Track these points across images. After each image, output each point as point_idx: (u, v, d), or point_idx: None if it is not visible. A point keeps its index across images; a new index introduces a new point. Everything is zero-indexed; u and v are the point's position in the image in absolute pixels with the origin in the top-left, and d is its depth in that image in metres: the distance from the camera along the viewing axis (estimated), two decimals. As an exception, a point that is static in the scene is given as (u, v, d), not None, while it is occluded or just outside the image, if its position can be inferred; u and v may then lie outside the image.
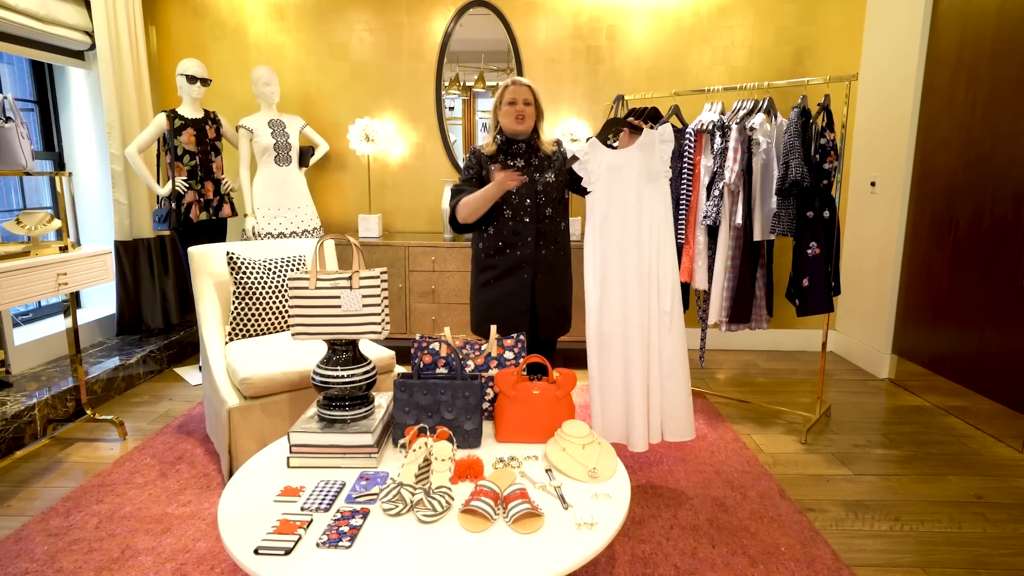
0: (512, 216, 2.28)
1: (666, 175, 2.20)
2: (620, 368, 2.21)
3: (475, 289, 2.42)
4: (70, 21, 3.48)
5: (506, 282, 2.32)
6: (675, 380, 2.22)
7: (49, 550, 1.96)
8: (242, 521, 1.43)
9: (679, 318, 2.23)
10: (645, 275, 2.19)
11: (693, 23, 3.94)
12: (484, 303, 2.37)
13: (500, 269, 2.32)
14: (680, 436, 2.27)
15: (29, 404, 2.71)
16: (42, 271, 2.45)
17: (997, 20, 2.94)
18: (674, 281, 2.21)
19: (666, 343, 2.21)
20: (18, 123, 2.47)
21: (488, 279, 2.35)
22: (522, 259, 2.29)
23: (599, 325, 2.21)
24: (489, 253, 2.33)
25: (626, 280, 2.20)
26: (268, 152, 3.52)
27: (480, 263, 2.38)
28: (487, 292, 2.36)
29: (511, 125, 2.26)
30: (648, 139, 2.19)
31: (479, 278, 2.39)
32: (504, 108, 2.25)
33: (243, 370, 2.33)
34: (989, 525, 2.18)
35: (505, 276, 2.32)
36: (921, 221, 3.44)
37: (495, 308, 2.34)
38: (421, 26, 4.00)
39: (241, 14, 4.02)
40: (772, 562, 1.93)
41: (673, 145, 2.21)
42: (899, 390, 3.50)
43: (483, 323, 2.36)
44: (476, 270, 2.41)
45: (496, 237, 2.31)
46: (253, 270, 2.71)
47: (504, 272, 2.32)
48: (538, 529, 1.40)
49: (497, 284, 2.34)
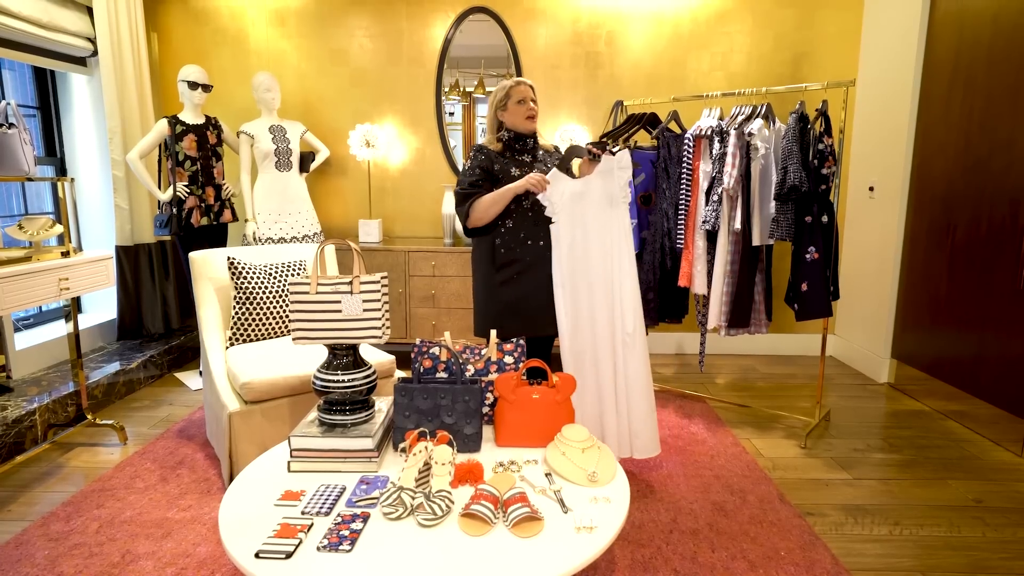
0: (531, 206, 2.27)
1: (624, 200, 2.24)
2: (593, 387, 2.27)
3: (491, 289, 2.33)
4: (72, 27, 3.50)
5: (532, 275, 2.28)
6: (640, 397, 2.26)
7: (50, 555, 1.97)
8: (243, 525, 1.44)
9: (642, 338, 2.27)
10: (609, 299, 2.24)
11: (692, 29, 3.96)
12: (507, 300, 2.29)
13: (524, 262, 2.28)
14: (646, 452, 2.31)
15: (30, 409, 2.71)
16: (44, 276, 2.45)
17: (993, 26, 2.96)
18: (636, 303, 2.25)
19: (631, 363, 2.25)
20: (21, 129, 2.49)
21: (512, 275, 2.29)
22: (546, 248, 2.27)
23: (571, 347, 2.24)
24: (510, 247, 2.28)
25: (593, 304, 2.24)
26: (269, 157, 3.53)
27: (499, 259, 2.29)
28: (511, 288, 2.29)
29: (523, 124, 2.29)
30: (607, 166, 2.22)
31: (497, 276, 2.30)
32: (513, 107, 2.27)
33: (244, 375, 2.34)
34: (988, 529, 2.18)
35: (529, 269, 2.28)
36: (919, 226, 3.46)
37: (522, 303, 2.29)
38: (421, 32, 4.03)
39: (242, 20, 4.04)
40: (772, 566, 1.93)
41: (631, 171, 2.24)
42: (898, 394, 3.50)
43: (509, 322, 2.29)
44: (491, 269, 2.32)
45: (517, 230, 2.28)
46: (254, 275, 2.72)
47: (528, 265, 2.28)
48: (538, 533, 1.41)
49: (523, 277, 2.28)
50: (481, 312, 2.40)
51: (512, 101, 2.27)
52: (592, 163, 2.24)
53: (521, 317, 2.28)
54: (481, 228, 2.32)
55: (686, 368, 3.97)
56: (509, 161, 2.32)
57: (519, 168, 2.31)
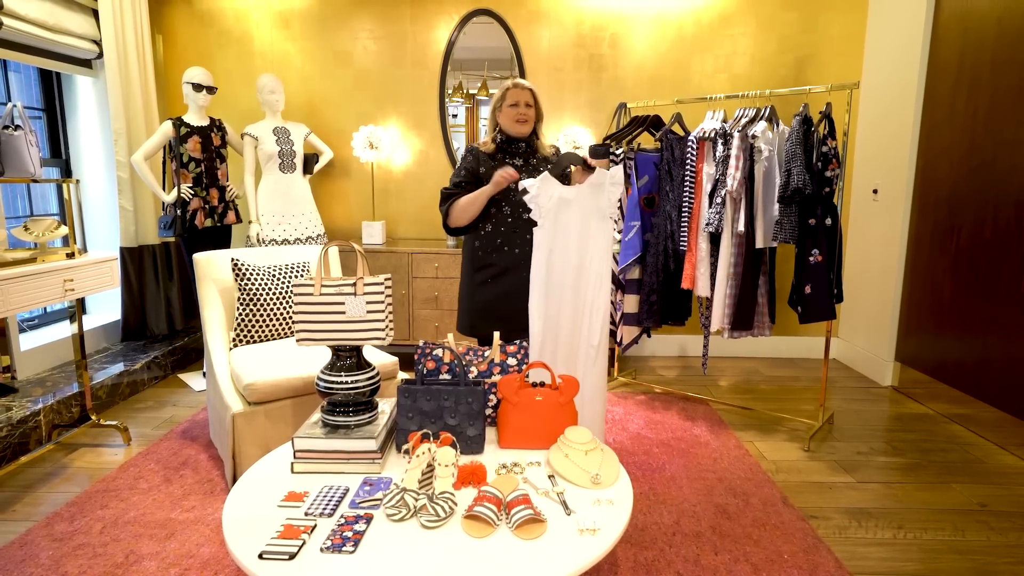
0: (511, 213, 2.29)
1: (611, 215, 2.21)
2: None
3: (471, 289, 2.39)
4: (78, 30, 3.52)
5: (506, 279, 2.32)
6: (592, 410, 2.24)
7: (54, 555, 1.97)
8: (246, 526, 1.44)
9: (604, 352, 2.25)
10: (580, 310, 2.22)
11: (695, 31, 3.96)
12: (482, 301, 2.35)
13: (499, 267, 2.32)
14: None
15: (35, 409, 2.72)
16: (49, 277, 2.46)
17: (998, 28, 2.95)
18: (605, 317, 2.23)
19: (589, 375, 2.23)
20: (27, 131, 2.50)
21: (486, 278, 2.34)
22: (521, 257, 2.28)
23: (540, 352, 2.21)
24: (487, 251, 2.33)
25: (564, 312, 2.22)
26: (273, 159, 3.54)
27: (476, 261, 2.36)
28: (485, 290, 2.35)
29: (512, 127, 2.30)
30: (599, 179, 2.17)
31: (475, 277, 2.37)
32: (505, 110, 2.29)
33: (247, 376, 2.34)
34: (993, 533, 2.17)
35: (504, 274, 2.32)
36: (923, 228, 3.45)
37: (494, 305, 2.33)
38: (425, 34, 4.04)
39: (247, 23, 4.06)
40: (775, 570, 1.93)
41: (622, 189, 2.22)
42: (902, 397, 3.49)
43: (480, 322, 2.35)
44: (471, 270, 2.38)
45: (494, 235, 2.31)
46: (257, 276, 2.73)
47: (503, 270, 2.32)
48: (541, 535, 1.40)
49: (496, 281, 2.33)
50: (461, 310, 2.46)
51: (506, 103, 2.29)
52: (585, 172, 2.22)
53: (494, 319, 2.30)
54: (462, 229, 2.35)
55: (689, 370, 3.96)
56: (499, 163, 2.32)
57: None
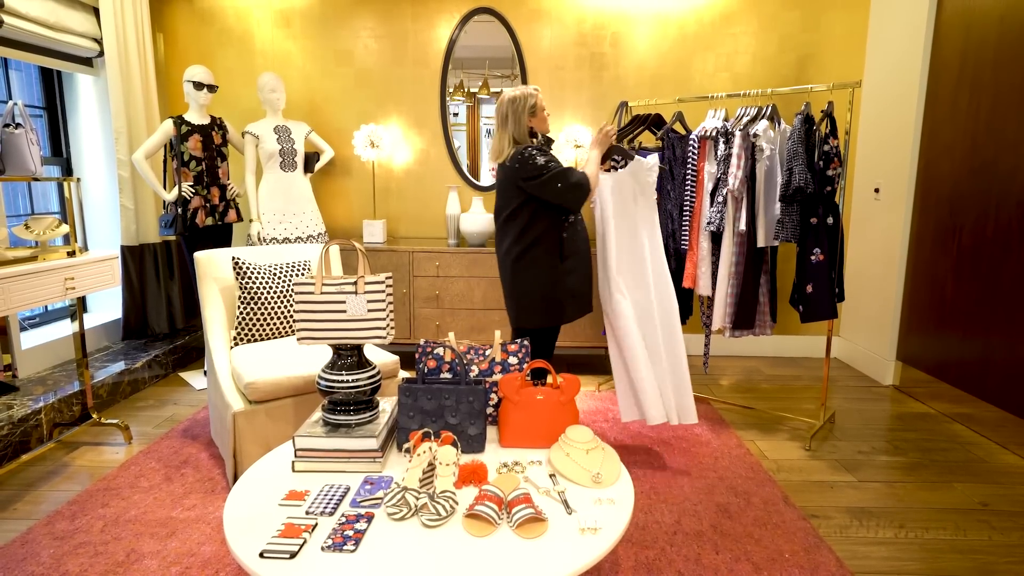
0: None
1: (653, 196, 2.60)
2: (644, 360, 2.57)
3: (555, 276, 2.44)
4: (79, 28, 3.52)
5: (587, 263, 2.51)
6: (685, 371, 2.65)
7: (55, 553, 1.97)
8: (247, 525, 1.44)
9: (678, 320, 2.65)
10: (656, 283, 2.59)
11: (696, 30, 3.96)
12: (570, 289, 2.47)
13: (581, 252, 2.49)
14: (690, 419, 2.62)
15: (35, 408, 2.72)
16: (50, 276, 2.46)
17: (1000, 27, 2.95)
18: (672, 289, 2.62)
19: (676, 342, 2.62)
20: (28, 129, 2.50)
21: (575, 265, 2.47)
22: (586, 240, 2.56)
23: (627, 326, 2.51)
24: (573, 240, 2.47)
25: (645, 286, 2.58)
26: (273, 158, 3.54)
27: (566, 250, 2.46)
28: (573, 278, 2.47)
29: (547, 128, 2.54)
30: (637, 167, 2.55)
31: (566, 264, 2.45)
32: (541, 115, 2.47)
33: (248, 375, 2.34)
34: (995, 533, 2.17)
35: (584, 258, 2.51)
36: (925, 227, 3.44)
37: (580, 290, 2.50)
38: (426, 33, 4.03)
39: (248, 21, 4.05)
40: (776, 569, 1.93)
41: (657, 173, 2.58)
42: (904, 397, 3.49)
43: (571, 307, 2.48)
44: (556, 259, 2.44)
45: (576, 224, 2.48)
46: (258, 275, 2.72)
47: (584, 254, 2.51)
48: (542, 534, 1.40)
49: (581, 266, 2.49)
50: (545, 300, 2.45)
51: (539, 109, 2.46)
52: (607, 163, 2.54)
53: (578, 301, 2.50)
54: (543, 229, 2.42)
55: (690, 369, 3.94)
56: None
57: None
